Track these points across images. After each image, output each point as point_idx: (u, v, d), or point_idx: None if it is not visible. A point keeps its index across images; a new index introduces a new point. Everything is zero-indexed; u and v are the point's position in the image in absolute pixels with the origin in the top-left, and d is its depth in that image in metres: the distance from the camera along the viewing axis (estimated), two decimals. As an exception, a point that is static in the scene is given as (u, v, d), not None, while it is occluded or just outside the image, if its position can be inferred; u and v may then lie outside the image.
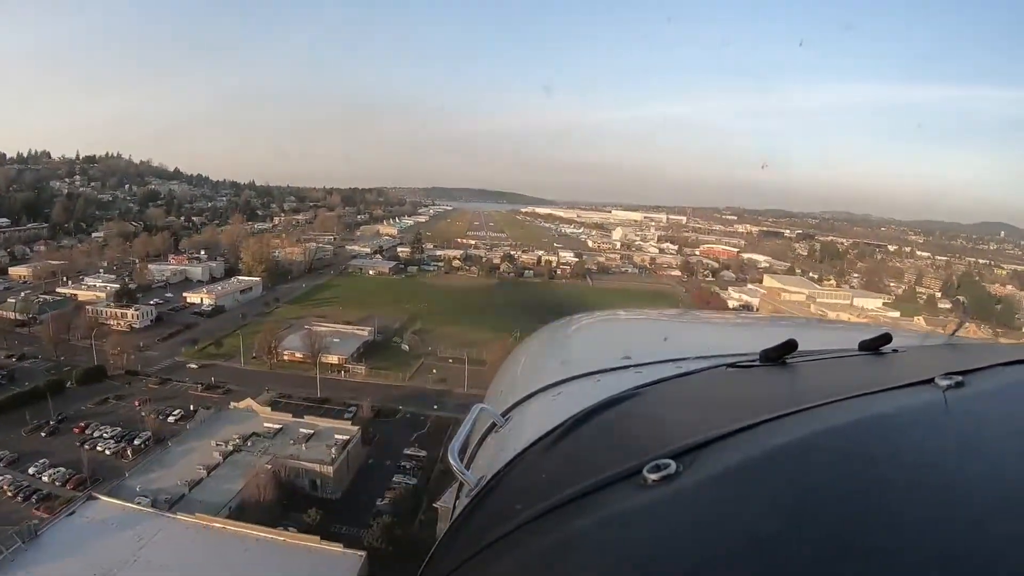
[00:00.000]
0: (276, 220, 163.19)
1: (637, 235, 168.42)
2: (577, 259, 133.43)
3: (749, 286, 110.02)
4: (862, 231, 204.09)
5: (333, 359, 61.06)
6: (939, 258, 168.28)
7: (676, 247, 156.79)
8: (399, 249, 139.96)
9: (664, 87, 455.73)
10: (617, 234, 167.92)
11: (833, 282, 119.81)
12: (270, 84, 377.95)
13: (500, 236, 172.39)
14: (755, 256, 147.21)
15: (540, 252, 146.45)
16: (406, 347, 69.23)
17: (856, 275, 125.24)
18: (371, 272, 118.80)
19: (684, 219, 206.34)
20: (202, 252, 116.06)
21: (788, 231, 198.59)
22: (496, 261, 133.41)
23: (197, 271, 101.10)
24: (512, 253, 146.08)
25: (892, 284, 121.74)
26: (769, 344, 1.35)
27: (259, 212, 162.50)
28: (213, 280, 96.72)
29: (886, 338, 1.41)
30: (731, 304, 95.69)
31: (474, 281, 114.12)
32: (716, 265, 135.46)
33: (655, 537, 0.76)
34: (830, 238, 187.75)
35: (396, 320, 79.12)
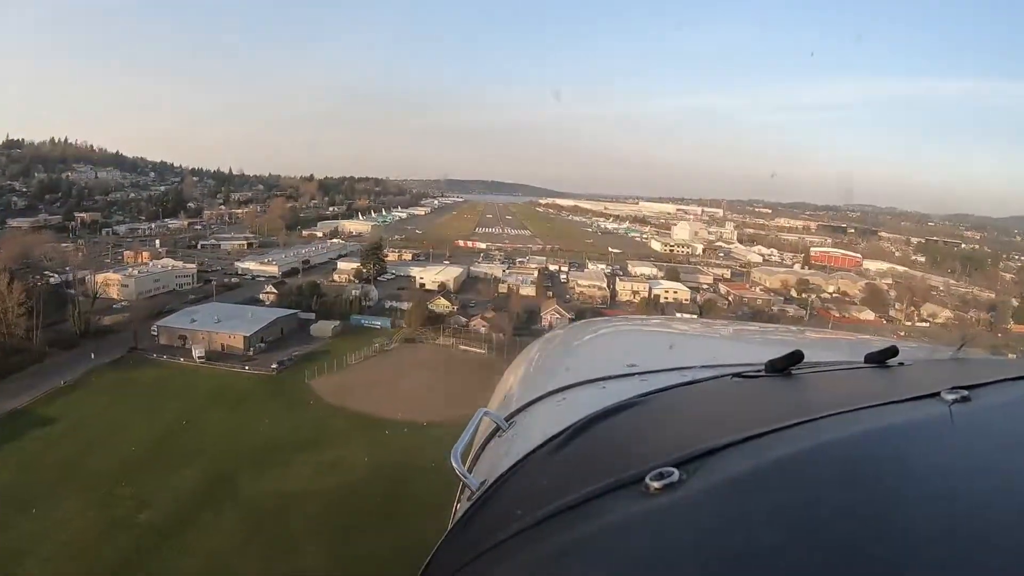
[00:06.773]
0: (208, 214, 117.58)
1: (710, 232, 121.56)
2: (691, 289, 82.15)
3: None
4: (912, 227, 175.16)
5: None
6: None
7: (774, 251, 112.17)
8: (340, 265, 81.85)
9: (683, 79, 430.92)
10: (683, 232, 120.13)
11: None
12: (276, 76, 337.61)
13: (522, 234, 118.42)
14: (891, 266, 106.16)
15: (601, 266, 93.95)
16: None
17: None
18: (198, 356, 49.85)
19: (720, 212, 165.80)
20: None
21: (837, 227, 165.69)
22: (528, 293, 74.47)
23: None
24: (550, 268, 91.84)
25: None
26: (775, 355, 1.33)
27: (191, 205, 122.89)
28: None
29: (892, 351, 1.40)
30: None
31: (471, 382, 40.26)
32: (883, 289, 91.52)
33: (655, 546, 0.74)
34: (887, 234, 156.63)
35: None
